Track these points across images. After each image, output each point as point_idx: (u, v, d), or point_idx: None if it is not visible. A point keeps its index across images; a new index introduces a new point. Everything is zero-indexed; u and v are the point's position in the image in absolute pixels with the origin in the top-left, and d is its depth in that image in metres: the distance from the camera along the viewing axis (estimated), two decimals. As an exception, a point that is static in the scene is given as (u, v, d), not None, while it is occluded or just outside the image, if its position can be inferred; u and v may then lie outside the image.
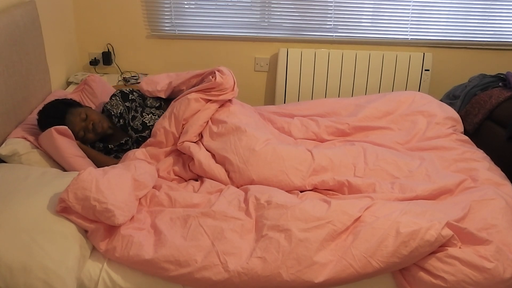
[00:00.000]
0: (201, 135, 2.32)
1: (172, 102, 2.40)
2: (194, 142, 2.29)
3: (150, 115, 2.44)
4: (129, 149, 2.39)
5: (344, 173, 2.15)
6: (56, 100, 2.37)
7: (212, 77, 2.37)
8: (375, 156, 2.24)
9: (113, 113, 2.40)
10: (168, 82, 2.52)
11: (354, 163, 2.20)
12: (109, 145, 2.38)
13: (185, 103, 2.31)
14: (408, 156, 2.29)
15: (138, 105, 2.49)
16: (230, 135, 2.24)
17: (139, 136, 2.40)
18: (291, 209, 1.81)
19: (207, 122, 2.35)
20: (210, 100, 2.36)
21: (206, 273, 1.65)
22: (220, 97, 2.36)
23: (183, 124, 2.31)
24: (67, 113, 2.28)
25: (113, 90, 2.62)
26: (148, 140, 2.33)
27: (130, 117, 2.43)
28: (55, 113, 2.27)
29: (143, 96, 2.55)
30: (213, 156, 2.23)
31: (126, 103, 2.46)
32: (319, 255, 1.68)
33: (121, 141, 2.39)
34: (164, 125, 2.30)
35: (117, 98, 2.46)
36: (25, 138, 2.19)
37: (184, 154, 2.28)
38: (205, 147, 2.27)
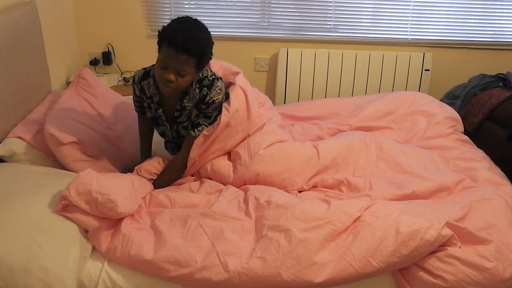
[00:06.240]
0: None
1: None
2: None
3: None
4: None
5: (348, 165, 2.18)
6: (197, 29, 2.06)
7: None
8: (380, 148, 2.26)
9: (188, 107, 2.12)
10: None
11: (359, 155, 2.22)
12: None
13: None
14: (410, 150, 2.30)
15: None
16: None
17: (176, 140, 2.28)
18: (291, 209, 1.81)
19: None
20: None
21: (206, 274, 1.65)
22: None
23: None
24: (179, 50, 1.91)
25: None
26: None
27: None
28: (174, 38, 1.91)
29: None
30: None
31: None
32: (319, 255, 1.68)
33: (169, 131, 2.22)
34: None
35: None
36: (23, 138, 2.17)
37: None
38: None
